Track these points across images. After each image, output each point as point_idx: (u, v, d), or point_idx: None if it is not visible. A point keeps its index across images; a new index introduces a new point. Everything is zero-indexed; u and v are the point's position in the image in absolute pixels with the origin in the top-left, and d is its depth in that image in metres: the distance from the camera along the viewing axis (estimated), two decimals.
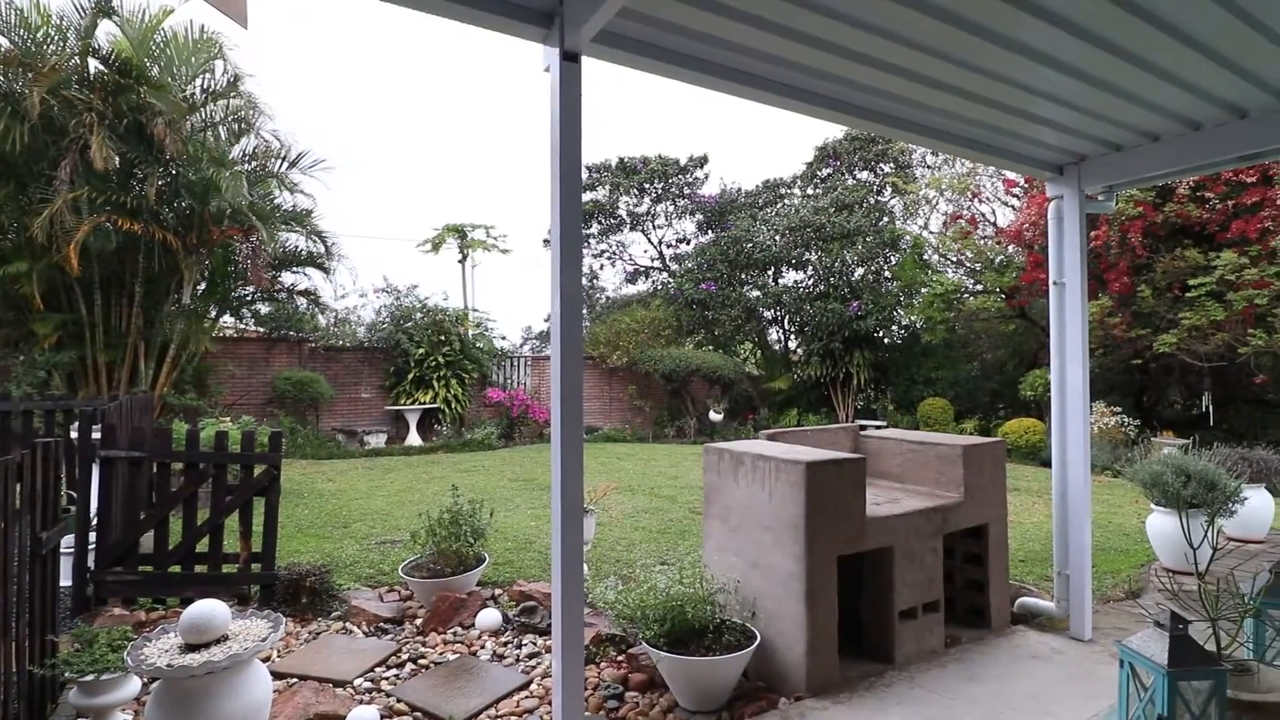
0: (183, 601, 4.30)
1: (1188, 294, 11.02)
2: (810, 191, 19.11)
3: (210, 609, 2.79)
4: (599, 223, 19.60)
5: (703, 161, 19.28)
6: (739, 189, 19.53)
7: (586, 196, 19.18)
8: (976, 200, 16.04)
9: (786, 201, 19.25)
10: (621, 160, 18.96)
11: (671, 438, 15.39)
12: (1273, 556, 5.69)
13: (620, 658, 3.72)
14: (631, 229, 19.79)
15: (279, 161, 10.68)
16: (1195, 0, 2.54)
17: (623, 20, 2.56)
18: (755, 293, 17.11)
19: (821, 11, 2.57)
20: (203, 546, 4.55)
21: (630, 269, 20.40)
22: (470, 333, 14.82)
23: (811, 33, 2.73)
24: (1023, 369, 14.58)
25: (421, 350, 13.77)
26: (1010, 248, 14.30)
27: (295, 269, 12.09)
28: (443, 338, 13.97)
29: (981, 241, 15.36)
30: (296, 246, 11.73)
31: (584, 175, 18.93)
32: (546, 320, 26.15)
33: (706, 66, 2.89)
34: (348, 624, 4.31)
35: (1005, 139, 4.02)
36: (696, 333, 18.14)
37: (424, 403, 13.66)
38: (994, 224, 15.77)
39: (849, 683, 3.42)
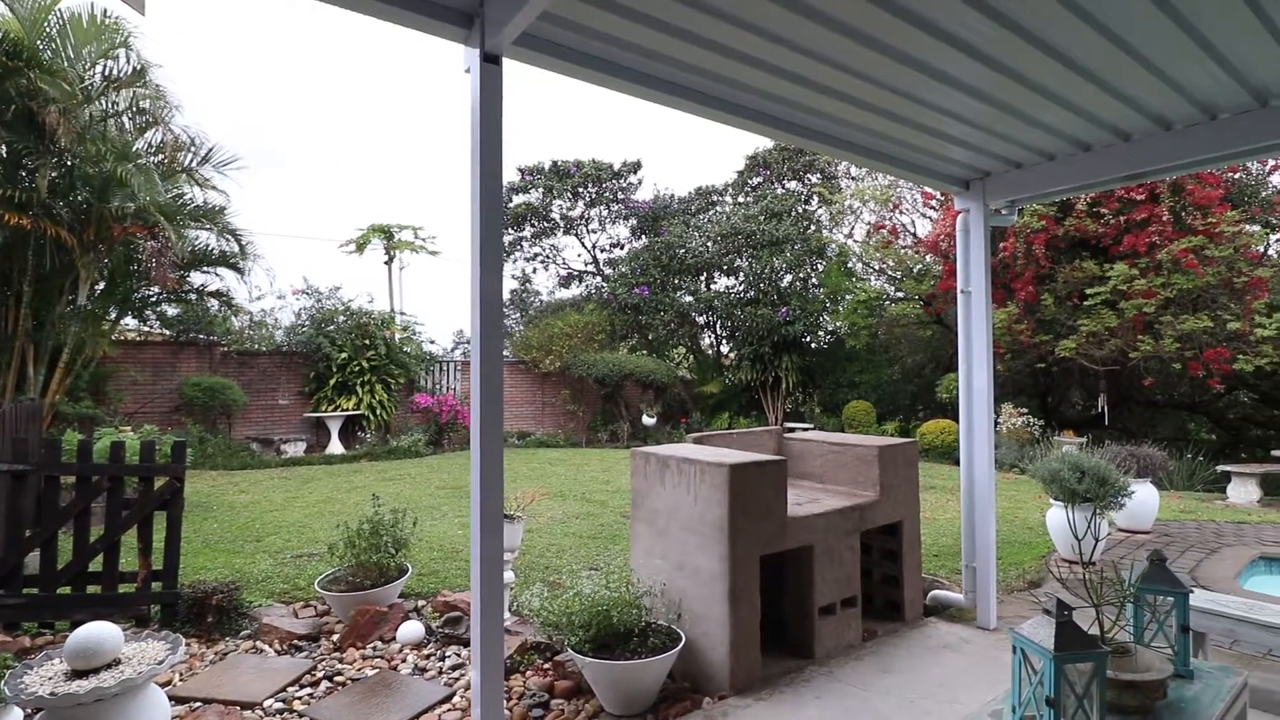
0: (73, 625, 3.98)
1: (1085, 302, 11.85)
2: (741, 199, 19.51)
3: (99, 631, 2.60)
4: (532, 225, 19.41)
5: (636, 167, 19.40)
6: (672, 195, 19.76)
7: (519, 199, 18.96)
8: (897, 211, 16.78)
9: (718, 209, 19.59)
10: (555, 163, 18.85)
11: (605, 442, 15.38)
12: (1157, 545, 6.18)
13: (546, 665, 3.68)
14: (565, 232, 19.69)
15: (189, 156, 10.10)
16: (1083, 32, 2.74)
17: (544, 24, 2.56)
18: (688, 298, 17.33)
19: (737, 24, 2.64)
20: (97, 565, 4.24)
21: (564, 273, 20.31)
22: (397, 336, 14.39)
23: (730, 44, 2.80)
24: (940, 372, 15.33)
25: (344, 355, 13.26)
26: (928, 257, 15.02)
27: (206, 269, 11.45)
28: (367, 342, 13.51)
29: (902, 251, 16.07)
30: (208, 245, 11.10)
31: (517, 177, 18.82)
32: None
33: (628, 73, 2.91)
34: (258, 643, 4.10)
35: (917, 155, 4.22)
36: (630, 337, 18.22)
37: (347, 409, 13.17)
38: (914, 234, 16.53)
39: (771, 679, 3.50)
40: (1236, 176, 12.40)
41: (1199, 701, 2.27)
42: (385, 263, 17.76)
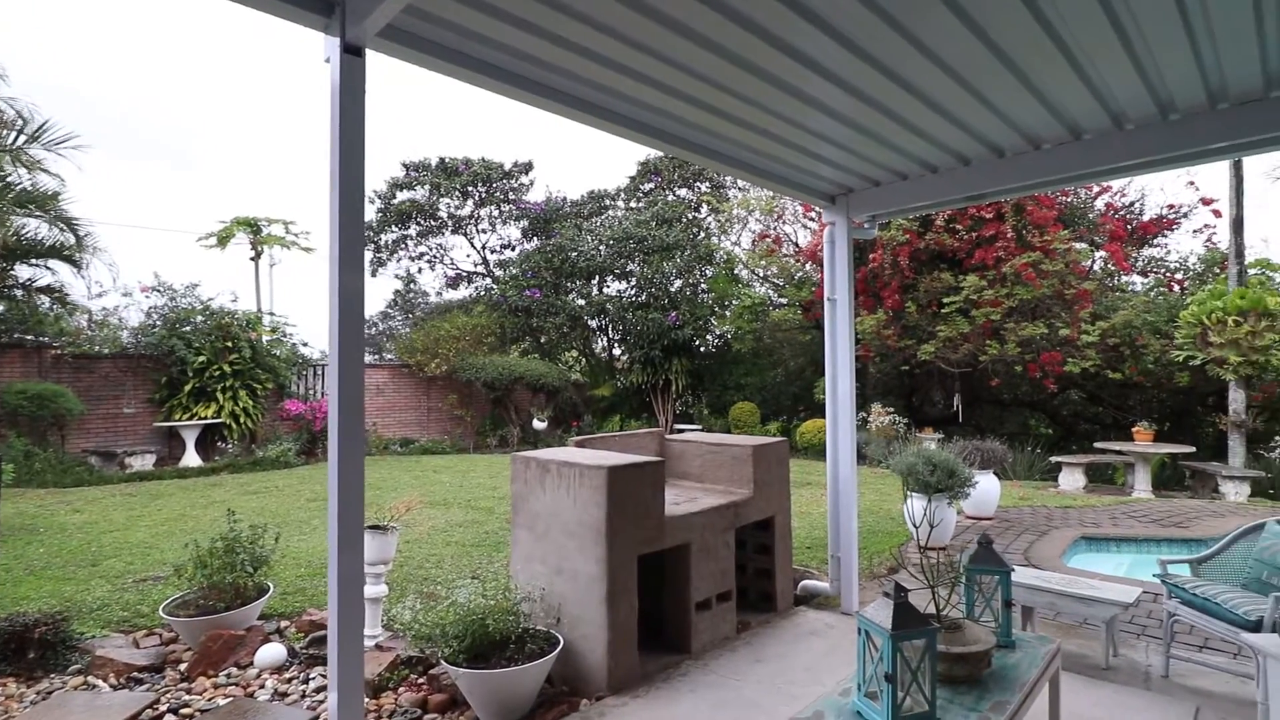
0: None
1: (943, 310, 12.93)
2: (634, 205, 19.77)
3: None
4: (418, 224, 18.71)
5: (528, 168, 19.19)
6: (564, 198, 19.70)
7: (404, 195, 18.22)
8: (781, 221, 17.62)
9: (611, 213, 19.75)
10: (443, 160, 18.27)
11: (494, 448, 15.06)
12: (998, 530, 6.85)
13: (421, 680, 3.55)
14: (454, 232, 19.13)
15: (14, 134, 8.93)
16: (930, 69, 3.03)
17: (410, 17, 2.48)
18: (580, 301, 17.33)
19: (610, 33, 2.69)
20: None
21: (452, 273, 19.71)
22: (265, 338, 13.39)
23: (604, 53, 2.84)
24: (818, 375, 16.20)
25: (203, 358, 12.17)
26: (808, 265, 15.87)
27: (35, 261, 10.16)
28: (230, 344, 12.47)
29: (784, 259, 16.88)
30: (37, 234, 9.86)
31: (401, 173, 18.06)
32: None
33: (497, 72, 2.87)
34: (91, 678, 3.68)
35: (789, 170, 4.46)
36: (521, 340, 17.98)
37: (205, 418, 12.08)
38: (795, 244, 17.41)
39: (648, 677, 3.56)
40: (1068, 200, 13.99)
41: (1018, 668, 2.54)
42: (252, 259, 16.51)
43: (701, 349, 17.62)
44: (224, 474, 11.09)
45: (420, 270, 19.68)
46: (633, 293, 17.18)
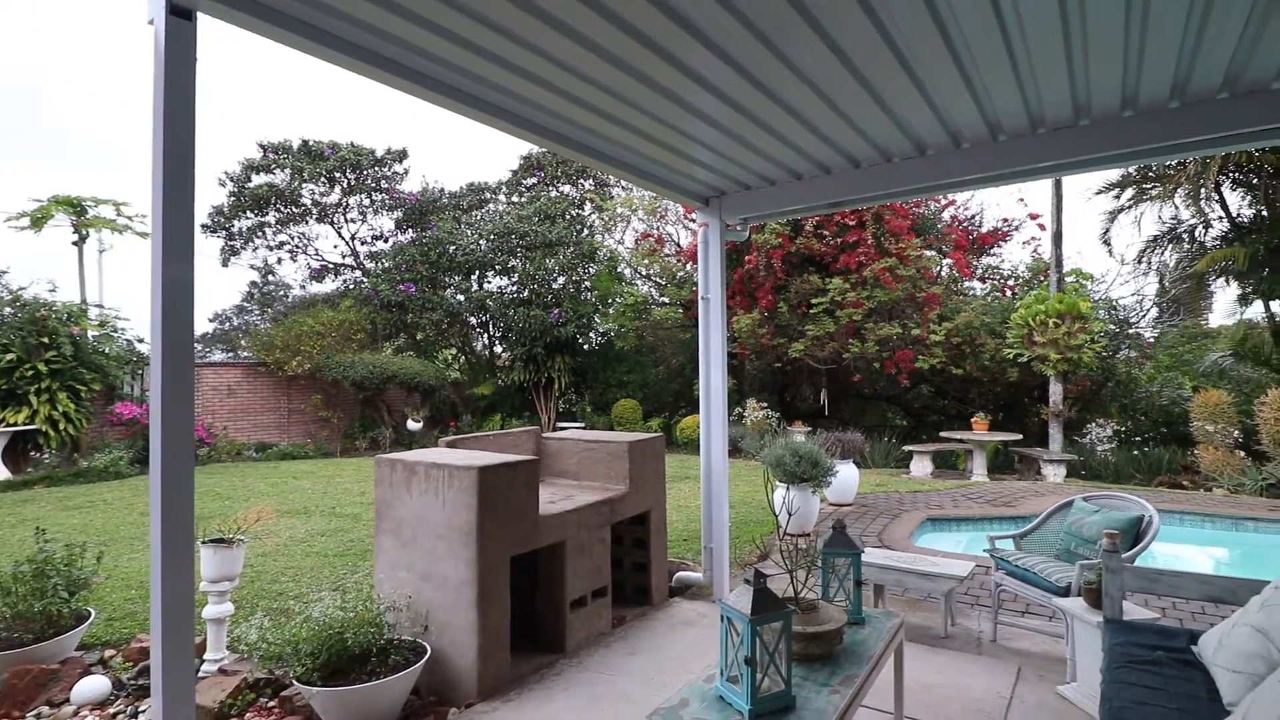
0: None
1: (811, 310, 13.73)
2: (515, 199, 19.40)
3: None
4: (278, 211, 17.32)
5: (403, 155, 18.30)
6: (442, 189, 18.98)
7: (260, 179, 16.81)
8: (664, 221, 17.95)
9: (492, 207, 19.27)
10: (307, 143, 17.02)
11: (364, 451, 14.26)
12: (857, 515, 7.36)
13: (271, 703, 3.28)
14: (319, 220, 17.89)
15: None
16: (795, 84, 3.19)
17: None
18: (460, 297, 16.79)
19: (491, 27, 2.60)
20: None
21: (317, 265, 18.43)
22: (92, 334, 11.88)
23: (484, 45, 2.75)
24: (698, 372, 16.68)
25: (11, 355, 10.59)
26: (688, 265, 16.29)
27: None
28: (47, 340, 10.95)
29: (667, 259, 17.23)
30: None
31: (258, 154, 16.64)
32: (212, 319, 22.25)
33: (343, 45, 2.66)
34: None
35: (666, 171, 4.53)
36: (395, 337, 17.14)
37: (14, 424, 10.53)
38: (678, 244, 17.81)
39: (521, 679, 3.50)
40: (919, 211, 15.28)
41: (867, 643, 2.72)
42: (75, 243, 14.58)
43: (585, 346, 17.61)
44: (39, 487, 9.71)
45: (280, 261, 18.25)
46: (514, 289, 16.88)
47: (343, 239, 18.39)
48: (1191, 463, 10.11)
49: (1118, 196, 12.12)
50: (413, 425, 14.69)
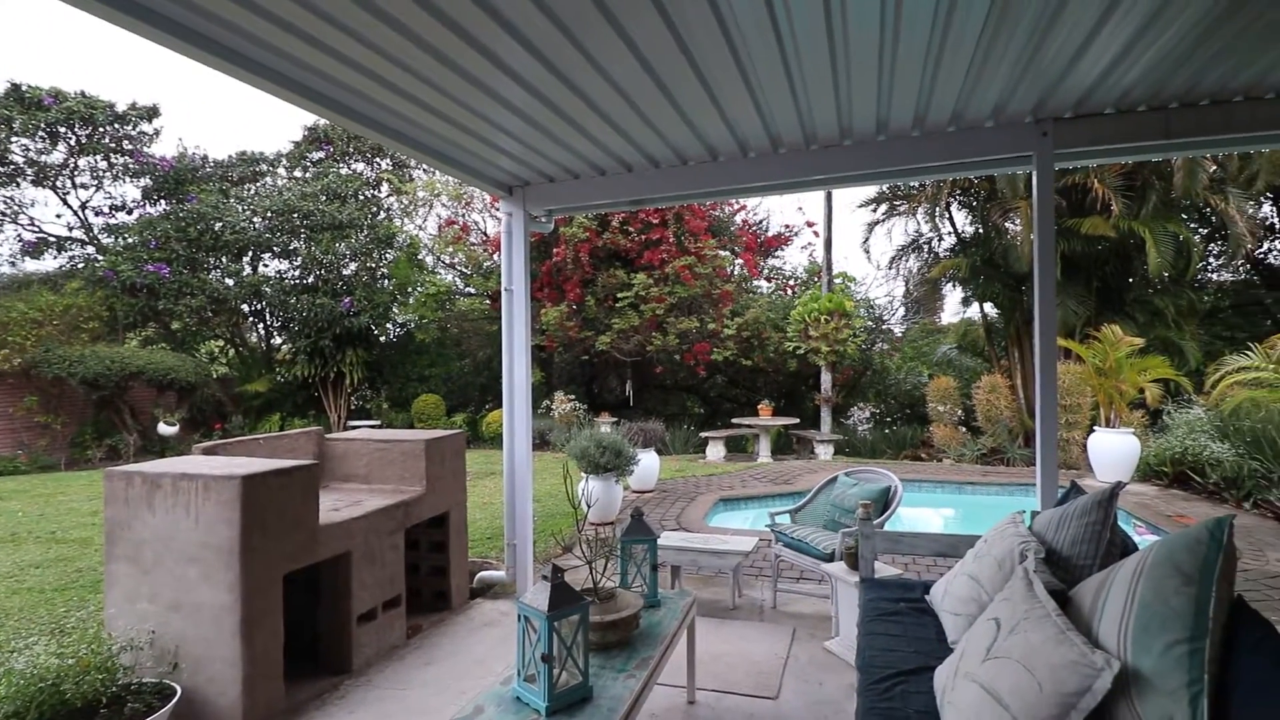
0: None
1: (617, 305, 14.10)
2: (299, 174, 17.48)
3: None
4: None
5: (153, 113, 15.57)
6: (205, 156, 16.51)
7: None
8: (470, 209, 17.29)
9: (269, 180, 17.18)
10: (17, 86, 13.81)
11: (100, 462, 11.99)
12: (656, 500, 7.69)
13: None
14: (36, 183, 14.65)
15: None
16: (598, 81, 3.21)
17: None
18: (229, 281, 14.75)
19: None
20: None
21: (33, 237, 15.08)
22: None
23: (263, 4, 2.40)
24: None
25: None
26: (495, 255, 15.87)
27: None
28: None
29: (473, 247, 16.62)
30: None
31: None
32: None
33: None
34: None
35: (467, 156, 4.32)
36: (143, 327, 14.63)
37: None
38: (485, 233, 17.26)
39: (298, 708, 3.14)
40: (715, 213, 16.37)
41: (662, 624, 2.83)
42: None
43: (381, 338, 16.41)
44: None
45: None
46: (297, 274, 15.22)
47: (70, 207, 15.24)
48: (928, 438, 12.01)
49: (875, 210, 13.96)
50: (166, 429, 12.63)
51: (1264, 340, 5.97)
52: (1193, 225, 12.94)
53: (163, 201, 15.51)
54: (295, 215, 14.77)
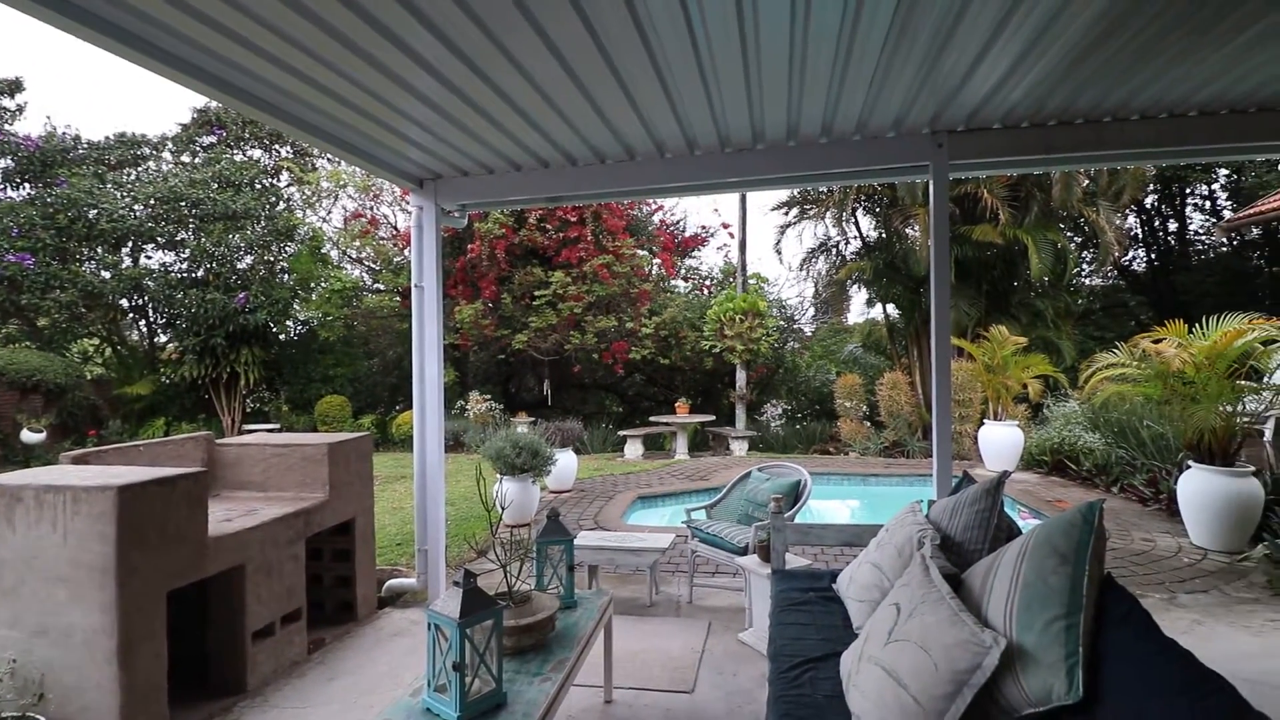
0: None
1: (535, 303, 13.91)
2: (186, 159, 16.23)
3: None
4: None
5: (16, 87, 14.07)
6: (78, 136, 15.04)
7: None
8: (379, 202, 16.57)
9: (153, 165, 15.85)
10: None
11: None
12: (574, 499, 7.65)
13: None
14: None
15: None
16: (514, 77, 3.15)
17: None
18: (105, 274, 13.50)
19: None
20: None
21: None
22: None
23: None
24: None
25: None
26: (406, 250, 15.30)
27: None
28: None
29: (382, 242, 15.95)
30: None
31: None
32: None
33: None
34: None
35: (375, 146, 4.14)
36: (3, 323, 13.19)
37: None
38: (395, 227, 16.59)
39: None
40: (633, 213, 16.43)
41: (579, 625, 2.80)
42: None
43: (281, 336, 15.47)
44: None
45: None
46: (185, 267, 14.12)
47: None
48: (835, 433, 12.53)
49: (787, 214, 14.44)
50: (30, 437, 11.43)
51: (1129, 339, 6.60)
52: (1069, 234, 14.16)
53: (27, 185, 14.02)
54: (183, 204, 13.69)
